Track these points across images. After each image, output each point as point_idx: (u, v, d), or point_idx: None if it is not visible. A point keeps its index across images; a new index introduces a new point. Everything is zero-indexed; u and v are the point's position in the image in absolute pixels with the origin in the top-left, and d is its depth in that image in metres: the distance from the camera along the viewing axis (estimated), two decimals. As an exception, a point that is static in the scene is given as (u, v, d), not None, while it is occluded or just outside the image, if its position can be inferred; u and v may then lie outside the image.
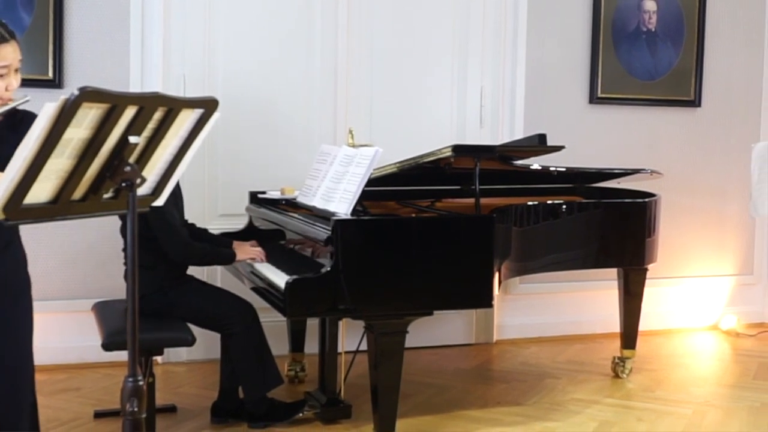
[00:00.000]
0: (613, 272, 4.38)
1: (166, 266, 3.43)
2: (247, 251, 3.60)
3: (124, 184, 1.91)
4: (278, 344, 3.94)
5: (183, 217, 3.62)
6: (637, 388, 4.28)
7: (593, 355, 4.88)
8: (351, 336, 3.83)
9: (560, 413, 3.85)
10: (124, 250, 3.20)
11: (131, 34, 4.37)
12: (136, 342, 1.91)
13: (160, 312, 3.36)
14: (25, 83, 2.70)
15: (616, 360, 4.47)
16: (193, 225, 3.80)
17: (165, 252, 3.39)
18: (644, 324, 4.56)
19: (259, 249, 3.65)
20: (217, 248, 3.61)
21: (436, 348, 4.91)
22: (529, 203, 3.81)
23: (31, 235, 2.46)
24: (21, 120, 2.39)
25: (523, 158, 3.97)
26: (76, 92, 1.74)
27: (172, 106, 1.97)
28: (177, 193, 3.51)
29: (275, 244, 3.76)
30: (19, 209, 1.82)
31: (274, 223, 3.87)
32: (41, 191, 1.85)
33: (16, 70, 2.38)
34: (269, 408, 3.56)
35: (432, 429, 3.61)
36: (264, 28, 4.61)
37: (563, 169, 4.08)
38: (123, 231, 3.39)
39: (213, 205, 4.53)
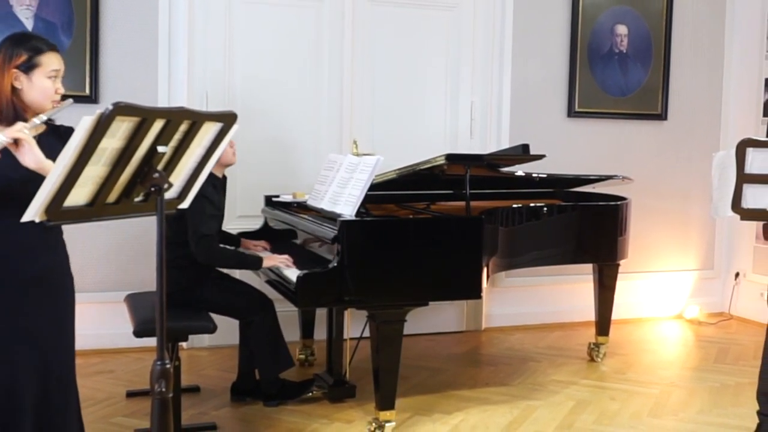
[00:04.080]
0: (588, 267, 4.37)
1: (194, 268, 3.41)
2: (275, 258, 3.48)
3: (153, 189, 1.91)
4: (290, 331, 3.93)
5: (221, 227, 3.59)
6: (610, 371, 4.28)
7: (571, 341, 4.87)
8: (355, 324, 3.83)
9: (542, 393, 3.85)
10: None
11: (159, 54, 4.37)
12: (164, 329, 1.91)
13: (186, 304, 3.35)
14: (64, 98, 2.69)
15: (592, 345, 4.47)
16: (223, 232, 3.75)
17: (194, 255, 3.37)
18: (616, 313, 4.56)
19: (286, 256, 3.52)
20: (245, 255, 3.57)
21: (431, 335, 4.90)
22: (514, 206, 3.81)
23: (68, 234, 2.44)
24: (65, 133, 2.37)
25: (509, 166, 3.96)
26: (111, 107, 1.74)
27: (196, 119, 1.96)
28: (221, 207, 3.51)
29: (287, 242, 3.76)
30: (59, 211, 1.82)
31: (286, 224, 3.86)
32: (79, 195, 1.85)
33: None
34: (282, 388, 3.57)
35: (427, 407, 3.61)
36: (278, 52, 4.61)
37: (544, 176, 4.07)
38: None
39: (232, 207, 4.52)
